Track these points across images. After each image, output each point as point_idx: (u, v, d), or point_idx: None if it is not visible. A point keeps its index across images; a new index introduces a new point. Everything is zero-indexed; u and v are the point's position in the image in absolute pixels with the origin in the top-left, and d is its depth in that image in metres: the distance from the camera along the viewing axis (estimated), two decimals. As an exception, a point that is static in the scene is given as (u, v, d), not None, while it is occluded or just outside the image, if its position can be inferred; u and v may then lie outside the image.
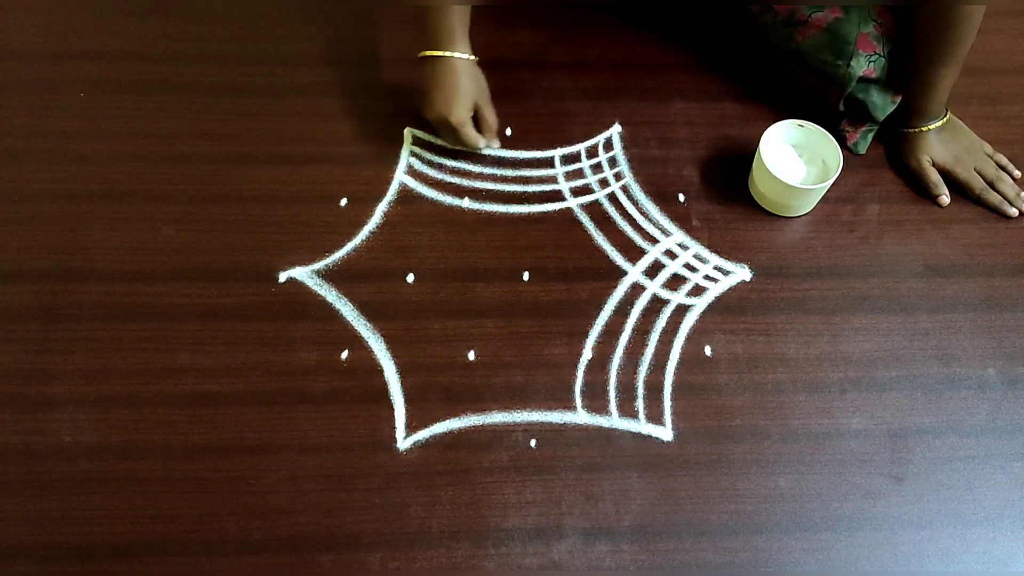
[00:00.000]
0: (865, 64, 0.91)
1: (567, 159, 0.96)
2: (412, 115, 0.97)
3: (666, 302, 0.87)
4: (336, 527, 0.75)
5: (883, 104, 0.93)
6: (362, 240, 0.89)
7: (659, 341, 0.85)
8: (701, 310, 0.87)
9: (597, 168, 0.96)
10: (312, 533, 0.74)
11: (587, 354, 0.84)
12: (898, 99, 0.94)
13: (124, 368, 0.81)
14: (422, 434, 0.79)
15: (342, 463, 0.77)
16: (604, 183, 0.95)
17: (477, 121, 0.92)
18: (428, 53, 0.88)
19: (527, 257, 0.89)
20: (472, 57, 0.89)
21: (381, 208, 0.91)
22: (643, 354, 0.84)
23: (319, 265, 0.87)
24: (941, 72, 0.89)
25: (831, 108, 0.95)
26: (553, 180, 0.95)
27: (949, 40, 0.86)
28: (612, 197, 0.94)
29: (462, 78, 0.88)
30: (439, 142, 0.96)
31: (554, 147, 0.97)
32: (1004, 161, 0.97)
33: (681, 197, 0.94)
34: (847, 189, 0.95)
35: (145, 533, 0.74)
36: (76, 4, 1.05)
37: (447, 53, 0.87)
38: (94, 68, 1.00)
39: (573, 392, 0.82)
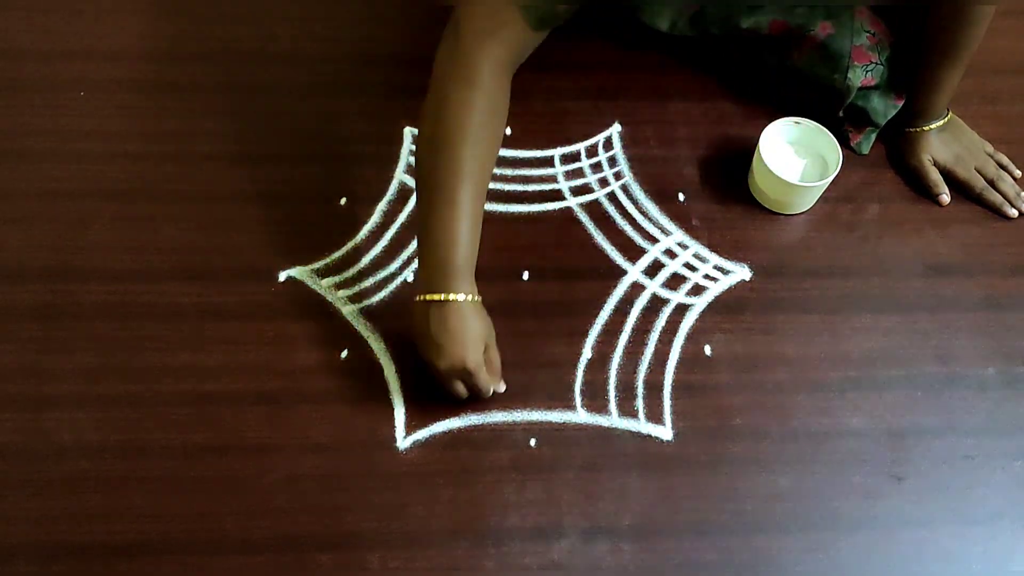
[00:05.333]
0: (863, 74, 0.91)
1: (567, 158, 0.96)
2: (412, 115, 0.96)
3: (666, 301, 0.87)
4: (336, 526, 0.75)
5: (884, 109, 0.94)
6: (362, 239, 0.89)
7: (659, 340, 0.85)
8: (701, 309, 0.87)
9: (597, 167, 0.96)
10: (312, 532, 0.74)
11: (587, 353, 0.84)
12: (900, 103, 0.94)
13: (124, 367, 0.81)
14: (422, 433, 0.79)
15: (342, 462, 0.77)
16: (604, 182, 0.95)
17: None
18: (436, 297, 0.74)
19: (527, 257, 0.89)
20: (479, 298, 0.77)
21: (381, 207, 0.91)
22: (643, 353, 0.84)
23: (319, 264, 0.87)
24: (947, 73, 0.90)
25: (832, 116, 0.95)
26: (553, 179, 0.95)
27: (959, 41, 0.86)
28: (612, 196, 0.94)
29: (475, 321, 0.75)
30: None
31: (554, 146, 0.97)
32: (1005, 161, 0.97)
33: (681, 196, 0.94)
34: (847, 188, 0.95)
35: (145, 532, 0.73)
36: (76, 4, 1.05)
37: (460, 297, 0.74)
38: (94, 68, 1.00)
39: (573, 391, 0.82)
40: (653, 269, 0.89)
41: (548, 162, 0.96)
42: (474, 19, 0.76)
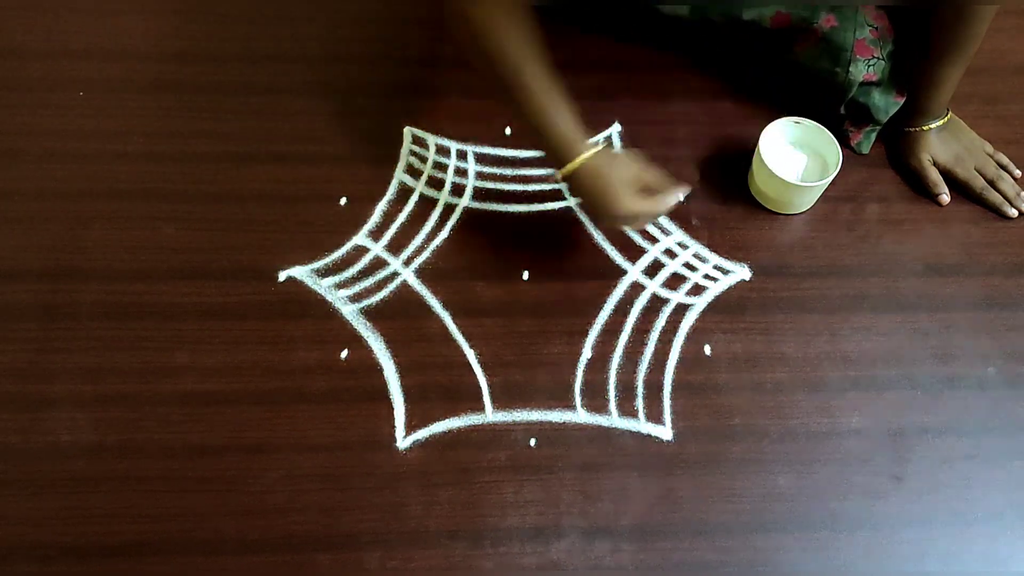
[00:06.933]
0: (864, 69, 0.90)
1: (567, 158, 0.96)
2: (412, 115, 0.97)
3: (666, 301, 0.87)
4: (334, 526, 0.74)
5: (885, 106, 0.93)
6: (362, 239, 0.89)
7: (659, 340, 0.85)
8: (701, 309, 0.87)
9: (597, 167, 0.96)
10: (310, 532, 0.74)
11: (587, 353, 0.84)
12: (901, 100, 0.93)
13: (123, 367, 0.81)
14: (421, 433, 0.79)
15: (341, 462, 0.77)
16: (604, 182, 0.95)
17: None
18: (569, 170, 0.77)
19: (527, 256, 0.89)
20: (600, 143, 0.79)
21: (381, 207, 0.91)
22: (643, 353, 0.84)
23: (319, 264, 0.87)
24: (948, 72, 0.90)
25: (833, 113, 0.95)
26: (553, 179, 0.94)
27: (960, 39, 0.86)
28: (612, 196, 0.94)
29: (612, 166, 0.78)
30: (440, 141, 0.96)
31: (554, 146, 0.97)
32: (1005, 160, 0.97)
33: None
34: (847, 188, 0.95)
35: (143, 532, 0.74)
36: (76, 4, 1.05)
37: (584, 156, 0.77)
38: (94, 68, 1.00)
39: (573, 391, 0.82)
40: (653, 269, 0.89)
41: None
42: None
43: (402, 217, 0.91)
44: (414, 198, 0.92)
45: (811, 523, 0.76)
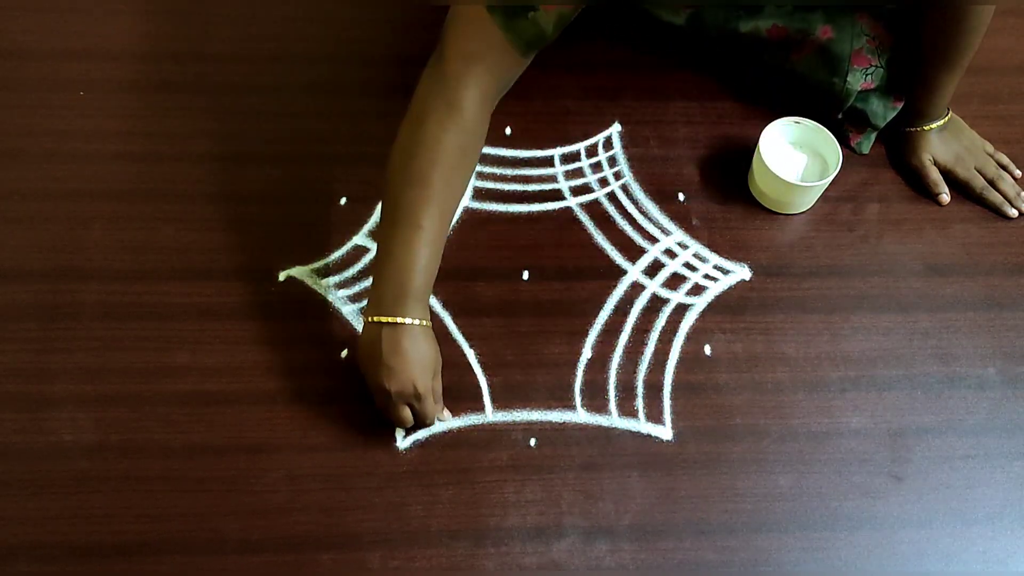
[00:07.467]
0: (862, 78, 0.91)
1: (567, 158, 0.96)
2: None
3: (666, 301, 0.87)
4: (335, 526, 0.75)
5: (883, 111, 0.93)
6: (362, 239, 0.89)
7: (659, 340, 0.85)
8: (701, 309, 0.87)
9: (597, 167, 0.96)
10: (311, 532, 0.74)
11: (587, 353, 0.84)
12: (899, 105, 0.93)
13: (124, 367, 0.81)
14: (422, 433, 0.79)
15: (341, 462, 0.77)
16: (604, 182, 0.95)
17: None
18: (390, 320, 0.73)
19: (527, 256, 0.89)
20: (430, 323, 0.76)
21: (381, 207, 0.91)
22: (643, 353, 0.84)
23: (318, 264, 0.87)
24: (946, 77, 0.90)
25: (831, 119, 0.95)
26: (553, 179, 0.95)
27: (957, 46, 0.86)
28: (612, 196, 0.94)
29: (427, 345, 0.75)
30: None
31: (554, 146, 0.97)
32: (1005, 160, 0.97)
33: (681, 196, 0.94)
34: (847, 188, 0.95)
35: (144, 532, 0.74)
36: (76, 4, 1.05)
37: (415, 320, 0.73)
38: (94, 68, 1.00)
39: (573, 391, 0.82)
40: (653, 269, 0.89)
41: (548, 162, 0.96)
42: (460, 43, 0.74)
43: (402, 217, 0.91)
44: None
45: (811, 523, 0.77)
